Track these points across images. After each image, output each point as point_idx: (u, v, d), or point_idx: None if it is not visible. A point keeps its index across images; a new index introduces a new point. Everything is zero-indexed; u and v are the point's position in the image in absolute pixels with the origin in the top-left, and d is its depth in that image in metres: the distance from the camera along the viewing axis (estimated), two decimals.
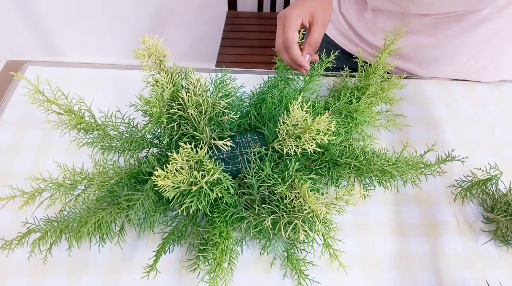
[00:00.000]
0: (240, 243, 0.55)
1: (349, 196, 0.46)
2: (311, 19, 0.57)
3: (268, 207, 0.51)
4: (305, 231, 0.47)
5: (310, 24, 0.58)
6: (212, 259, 0.48)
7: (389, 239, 0.58)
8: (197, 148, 0.48)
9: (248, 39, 1.34)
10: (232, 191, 0.49)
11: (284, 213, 0.50)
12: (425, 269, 0.55)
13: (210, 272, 0.46)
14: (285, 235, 0.49)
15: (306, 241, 0.53)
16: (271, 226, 0.49)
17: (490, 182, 0.61)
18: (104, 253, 0.54)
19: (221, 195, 0.48)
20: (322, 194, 0.57)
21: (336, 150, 0.56)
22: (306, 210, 0.47)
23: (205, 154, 0.48)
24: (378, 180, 0.58)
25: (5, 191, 0.58)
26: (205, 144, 0.52)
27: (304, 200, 0.48)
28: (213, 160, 0.49)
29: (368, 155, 0.56)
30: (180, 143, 0.48)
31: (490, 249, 0.57)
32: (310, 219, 0.49)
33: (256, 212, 0.51)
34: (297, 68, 0.58)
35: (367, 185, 0.58)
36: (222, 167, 0.49)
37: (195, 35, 1.70)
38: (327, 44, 0.86)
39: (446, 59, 0.74)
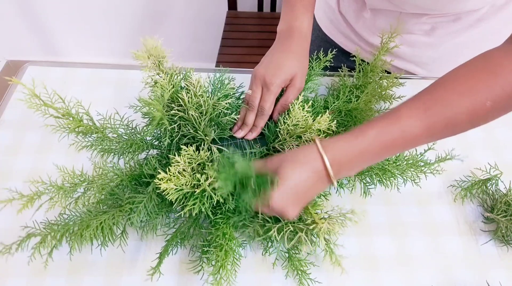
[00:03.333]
0: (243, 245, 0.55)
1: (352, 214, 0.47)
2: (289, 82, 0.57)
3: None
4: (308, 243, 0.48)
5: (287, 86, 0.58)
6: (215, 261, 0.48)
7: (389, 239, 0.58)
8: (199, 149, 0.48)
9: (248, 39, 1.34)
10: (231, 202, 0.49)
11: (288, 222, 0.50)
12: (425, 269, 0.55)
13: (214, 274, 0.46)
14: (289, 245, 0.49)
15: (309, 251, 0.54)
16: (276, 235, 0.49)
17: (490, 182, 0.61)
18: (106, 254, 0.54)
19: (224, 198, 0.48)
20: (326, 197, 0.57)
21: None
22: (310, 224, 0.48)
23: (207, 157, 0.48)
24: (378, 179, 0.58)
25: (4, 193, 0.58)
26: (206, 145, 0.52)
27: (308, 214, 0.48)
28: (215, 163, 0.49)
29: None
30: (181, 146, 0.48)
31: (490, 249, 0.57)
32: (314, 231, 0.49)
33: (259, 218, 0.51)
34: (245, 128, 0.58)
35: (367, 184, 0.58)
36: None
37: (195, 35, 1.69)
38: (326, 43, 0.86)
39: (445, 59, 0.74)
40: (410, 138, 0.45)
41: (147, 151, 0.57)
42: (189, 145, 0.48)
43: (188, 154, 0.46)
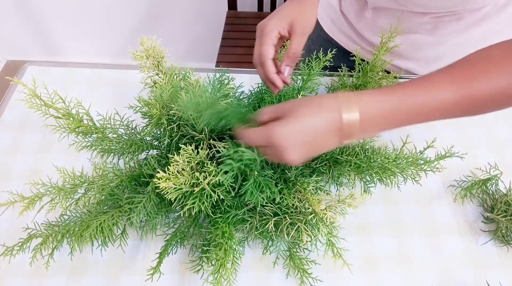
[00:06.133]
0: (242, 243, 0.55)
1: (351, 199, 0.46)
2: (290, 28, 0.53)
3: (270, 208, 0.51)
4: (308, 233, 0.48)
5: (289, 34, 0.54)
6: (215, 260, 0.48)
7: (389, 239, 0.58)
8: (198, 149, 0.48)
9: (248, 39, 1.33)
10: (232, 194, 0.49)
11: (286, 215, 0.50)
12: (425, 269, 0.55)
13: (214, 273, 0.46)
14: (288, 238, 0.49)
15: (309, 240, 0.53)
16: (274, 229, 0.49)
17: (490, 182, 0.61)
18: (106, 254, 0.54)
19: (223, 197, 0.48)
20: (327, 193, 0.57)
21: (336, 148, 0.56)
22: (310, 214, 0.47)
23: (206, 156, 0.48)
24: (378, 177, 0.58)
25: (4, 196, 0.58)
26: (205, 144, 0.52)
27: (308, 202, 0.48)
28: (214, 161, 0.49)
29: (368, 152, 0.56)
30: (180, 145, 0.48)
31: (490, 249, 0.57)
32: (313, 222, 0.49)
33: (257, 212, 0.51)
34: (269, 85, 0.54)
35: (367, 182, 0.58)
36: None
37: (195, 35, 1.69)
38: (327, 43, 0.86)
39: (447, 58, 0.74)
40: (440, 104, 0.43)
41: (147, 151, 0.57)
42: (188, 144, 0.48)
43: (186, 153, 0.46)
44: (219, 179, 0.46)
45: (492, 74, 0.44)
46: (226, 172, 0.46)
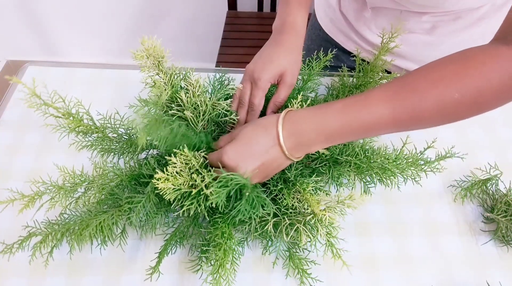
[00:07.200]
0: (242, 243, 0.55)
1: (351, 200, 0.46)
2: (280, 78, 0.56)
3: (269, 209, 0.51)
4: (307, 234, 0.48)
5: (278, 83, 0.57)
6: (214, 260, 0.48)
7: (389, 239, 0.58)
8: (193, 153, 0.47)
9: (248, 39, 1.34)
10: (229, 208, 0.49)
11: (285, 216, 0.50)
12: (425, 269, 0.55)
13: (213, 273, 0.46)
14: (287, 238, 0.49)
15: (309, 240, 0.53)
16: (273, 230, 0.49)
17: (490, 182, 0.61)
18: (105, 254, 0.54)
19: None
20: (326, 193, 0.57)
21: (336, 148, 0.56)
22: (309, 214, 0.47)
23: (203, 162, 0.48)
24: (378, 178, 0.58)
25: (5, 194, 0.58)
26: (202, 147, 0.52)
27: (307, 203, 0.48)
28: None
29: (368, 153, 0.56)
30: (174, 150, 0.47)
31: (490, 249, 0.57)
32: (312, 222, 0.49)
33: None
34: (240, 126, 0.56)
35: (367, 183, 0.58)
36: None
37: (195, 35, 1.70)
38: (326, 43, 0.86)
39: None
40: (375, 118, 0.43)
41: (147, 151, 0.57)
42: (184, 146, 0.48)
43: (183, 155, 0.46)
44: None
45: (429, 84, 0.43)
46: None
